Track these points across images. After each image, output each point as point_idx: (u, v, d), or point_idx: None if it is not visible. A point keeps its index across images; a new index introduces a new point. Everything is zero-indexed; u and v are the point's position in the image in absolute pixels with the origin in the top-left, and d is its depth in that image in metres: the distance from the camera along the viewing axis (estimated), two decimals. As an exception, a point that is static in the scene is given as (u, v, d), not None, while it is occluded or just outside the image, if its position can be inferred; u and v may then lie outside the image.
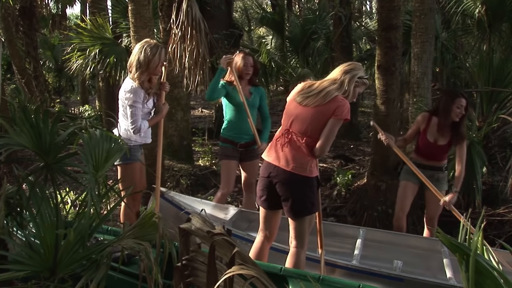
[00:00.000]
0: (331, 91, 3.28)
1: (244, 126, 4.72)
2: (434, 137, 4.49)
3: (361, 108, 13.97)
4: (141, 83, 4.02)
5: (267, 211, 3.53)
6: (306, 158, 3.31)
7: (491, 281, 1.49)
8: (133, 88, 3.99)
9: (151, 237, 2.41)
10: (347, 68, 3.39)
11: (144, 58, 3.98)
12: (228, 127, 4.83)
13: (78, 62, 9.12)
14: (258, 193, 3.55)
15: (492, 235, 5.18)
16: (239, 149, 4.79)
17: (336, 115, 3.25)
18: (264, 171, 3.45)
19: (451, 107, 4.39)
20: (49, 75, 14.99)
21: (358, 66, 3.45)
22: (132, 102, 3.98)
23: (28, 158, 5.40)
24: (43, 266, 2.30)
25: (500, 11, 8.05)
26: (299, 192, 3.33)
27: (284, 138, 3.38)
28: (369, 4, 24.18)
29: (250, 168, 4.95)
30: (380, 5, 6.17)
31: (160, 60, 4.04)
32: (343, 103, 3.28)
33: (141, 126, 4.04)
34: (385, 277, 3.57)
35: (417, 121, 4.65)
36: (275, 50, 12.09)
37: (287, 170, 3.30)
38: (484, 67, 6.64)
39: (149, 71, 4.03)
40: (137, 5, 5.41)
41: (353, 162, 8.27)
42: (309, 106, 3.30)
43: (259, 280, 1.53)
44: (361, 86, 3.44)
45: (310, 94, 3.33)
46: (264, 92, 5.04)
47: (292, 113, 3.38)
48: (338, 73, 3.38)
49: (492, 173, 6.32)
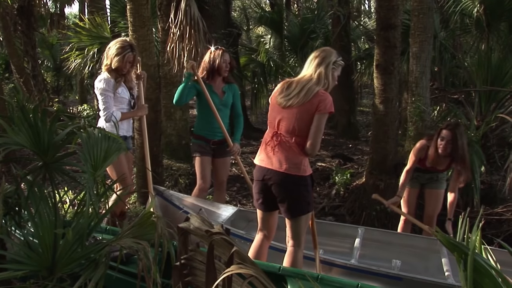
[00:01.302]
0: (311, 88, 3.26)
1: (217, 124, 4.72)
2: (432, 163, 4.51)
3: (359, 108, 13.99)
4: (109, 72, 4.32)
5: (264, 212, 3.54)
6: (298, 158, 3.31)
7: (489, 280, 1.49)
8: (102, 77, 4.31)
9: (150, 236, 2.41)
10: (318, 60, 3.34)
11: (109, 56, 4.32)
12: (201, 125, 4.83)
13: (76, 61, 9.13)
14: (254, 196, 3.55)
15: (490, 234, 5.19)
16: (212, 146, 4.78)
17: (320, 110, 3.24)
18: (258, 175, 3.45)
19: (436, 138, 4.40)
20: (47, 74, 14.95)
21: (328, 52, 3.39)
22: (102, 90, 4.27)
23: (27, 158, 5.40)
24: (41, 266, 2.30)
25: (498, 10, 8.06)
26: (295, 192, 3.34)
27: (274, 141, 3.38)
28: (367, 3, 24.22)
29: (222, 165, 4.92)
30: (378, 4, 6.18)
31: (124, 61, 4.30)
32: (325, 97, 3.26)
33: (113, 114, 4.23)
34: (383, 276, 3.57)
35: (416, 151, 4.56)
36: (274, 50, 12.10)
37: (281, 172, 3.30)
38: (483, 66, 6.65)
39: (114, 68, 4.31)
40: (135, 4, 5.40)
41: (352, 161, 8.27)
42: (292, 106, 3.29)
43: (258, 279, 1.53)
44: (338, 69, 3.40)
45: (291, 95, 3.31)
46: (237, 89, 5.01)
47: (277, 116, 3.38)
48: (312, 69, 3.33)
49: (491, 172, 6.32)
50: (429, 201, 4.64)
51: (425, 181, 4.65)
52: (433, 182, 4.49)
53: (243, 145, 9.77)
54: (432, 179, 4.52)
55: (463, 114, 6.94)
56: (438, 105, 8.11)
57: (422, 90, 5.93)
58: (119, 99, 4.38)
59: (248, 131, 10.39)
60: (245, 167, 8.07)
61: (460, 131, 4.34)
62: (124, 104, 4.45)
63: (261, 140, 3.55)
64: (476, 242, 1.92)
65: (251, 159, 8.61)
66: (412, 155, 4.58)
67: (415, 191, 4.71)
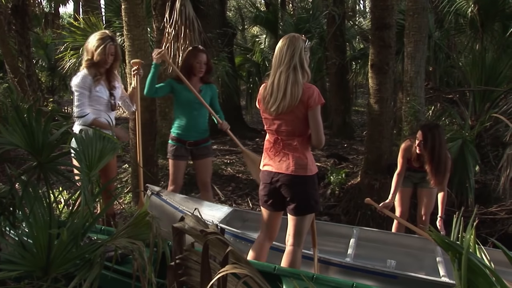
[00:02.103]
0: (295, 90, 3.20)
1: (193, 123, 4.69)
2: (418, 163, 4.53)
3: (354, 107, 14.03)
4: (88, 69, 4.10)
5: (271, 212, 3.55)
6: (304, 158, 3.33)
7: (483, 279, 1.50)
8: (80, 74, 4.11)
9: (145, 236, 2.41)
10: (289, 51, 3.22)
11: (89, 49, 4.12)
12: (176, 125, 4.77)
13: (71, 61, 9.10)
14: (262, 198, 3.54)
15: (485, 233, 5.21)
16: (188, 147, 4.74)
17: (311, 106, 3.23)
18: (266, 178, 3.46)
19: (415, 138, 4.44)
20: (42, 74, 14.90)
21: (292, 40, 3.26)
22: (76, 87, 4.05)
23: (21, 158, 5.37)
24: (36, 266, 2.29)
25: (492, 10, 8.10)
26: (304, 192, 3.36)
27: (276, 146, 3.39)
28: (362, 3, 24.24)
29: (203, 167, 4.88)
30: (373, 4, 6.19)
31: (106, 52, 4.09)
32: (311, 91, 3.23)
33: (85, 113, 4.00)
34: (378, 274, 3.58)
35: (404, 152, 4.58)
36: (269, 49, 12.13)
37: (288, 174, 3.32)
38: (477, 66, 6.68)
39: (97, 61, 4.09)
40: (130, 3, 5.40)
41: (347, 161, 8.28)
42: (284, 112, 3.26)
43: (253, 279, 1.53)
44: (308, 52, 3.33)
45: (277, 102, 3.24)
46: (216, 90, 4.92)
47: (272, 123, 3.37)
48: (285, 64, 3.22)
49: (485, 172, 6.35)
50: (421, 201, 4.67)
51: (417, 180, 4.66)
52: (426, 182, 4.50)
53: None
54: (424, 178, 4.53)
55: (457, 114, 6.97)
56: (433, 105, 8.13)
57: (417, 89, 5.94)
58: (95, 98, 4.13)
59: (243, 130, 10.39)
60: (240, 166, 8.10)
61: (434, 133, 4.31)
62: (101, 104, 4.18)
63: (256, 139, 3.55)
64: (470, 241, 1.92)
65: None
66: (400, 157, 4.61)
67: (408, 191, 4.72)
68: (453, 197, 5.69)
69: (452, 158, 4.66)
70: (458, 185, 5.73)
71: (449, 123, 7.31)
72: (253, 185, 6.63)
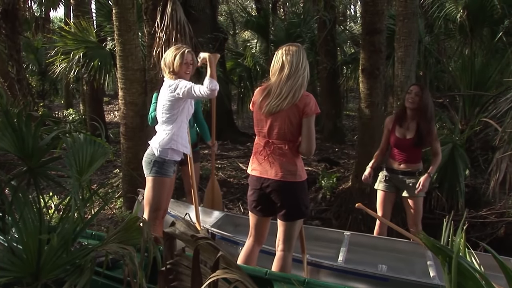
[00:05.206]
0: (298, 92, 3.24)
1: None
2: (401, 132, 4.53)
3: (345, 112, 14.07)
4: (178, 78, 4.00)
5: (260, 218, 3.54)
6: (293, 165, 3.32)
7: (473, 283, 1.51)
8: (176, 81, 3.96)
9: (136, 241, 2.40)
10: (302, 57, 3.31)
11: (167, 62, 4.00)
12: None
13: (62, 65, 9.07)
14: (251, 203, 3.53)
15: (475, 237, 5.23)
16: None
17: (307, 114, 3.25)
18: (255, 184, 3.44)
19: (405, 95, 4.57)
20: (32, 79, 14.86)
21: (301, 48, 3.36)
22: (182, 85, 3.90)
23: (11, 162, 5.33)
24: (25, 272, 2.28)
25: (481, 16, 8.19)
26: (294, 198, 3.35)
27: (266, 150, 3.37)
28: (353, 8, 24.39)
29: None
30: (364, 9, 6.23)
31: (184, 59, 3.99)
32: (309, 99, 3.27)
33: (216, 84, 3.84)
34: (370, 277, 3.58)
35: (386, 124, 4.68)
36: (260, 54, 12.16)
37: (278, 179, 3.31)
38: (466, 71, 6.73)
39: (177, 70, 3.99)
40: (121, 8, 5.39)
41: (338, 165, 8.30)
42: (282, 110, 3.27)
43: (243, 283, 1.54)
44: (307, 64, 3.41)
45: (278, 99, 3.26)
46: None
47: (265, 124, 3.36)
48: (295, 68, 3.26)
49: (475, 176, 6.39)
50: (409, 210, 4.56)
51: (400, 184, 4.57)
52: (408, 188, 4.46)
53: (230, 150, 9.78)
54: (404, 183, 4.48)
55: (447, 118, 7.01)
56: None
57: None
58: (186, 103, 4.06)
59: (235, 135, 10.40)
60: (231, 171, 8.10)
61: (427, 92, 4.52)
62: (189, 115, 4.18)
63: (248, 144, 3.54)
64: (460, 245, 1.94)
65: (237, 163, 8.61)
66: (384, 129, 4.69)
67: (391, 196, 4.64)
68: (443, 201, 5.71)
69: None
70: (449, 189, 5.76)
71: (439, 128, 7.34)
72: (244, 189, 6.62)
